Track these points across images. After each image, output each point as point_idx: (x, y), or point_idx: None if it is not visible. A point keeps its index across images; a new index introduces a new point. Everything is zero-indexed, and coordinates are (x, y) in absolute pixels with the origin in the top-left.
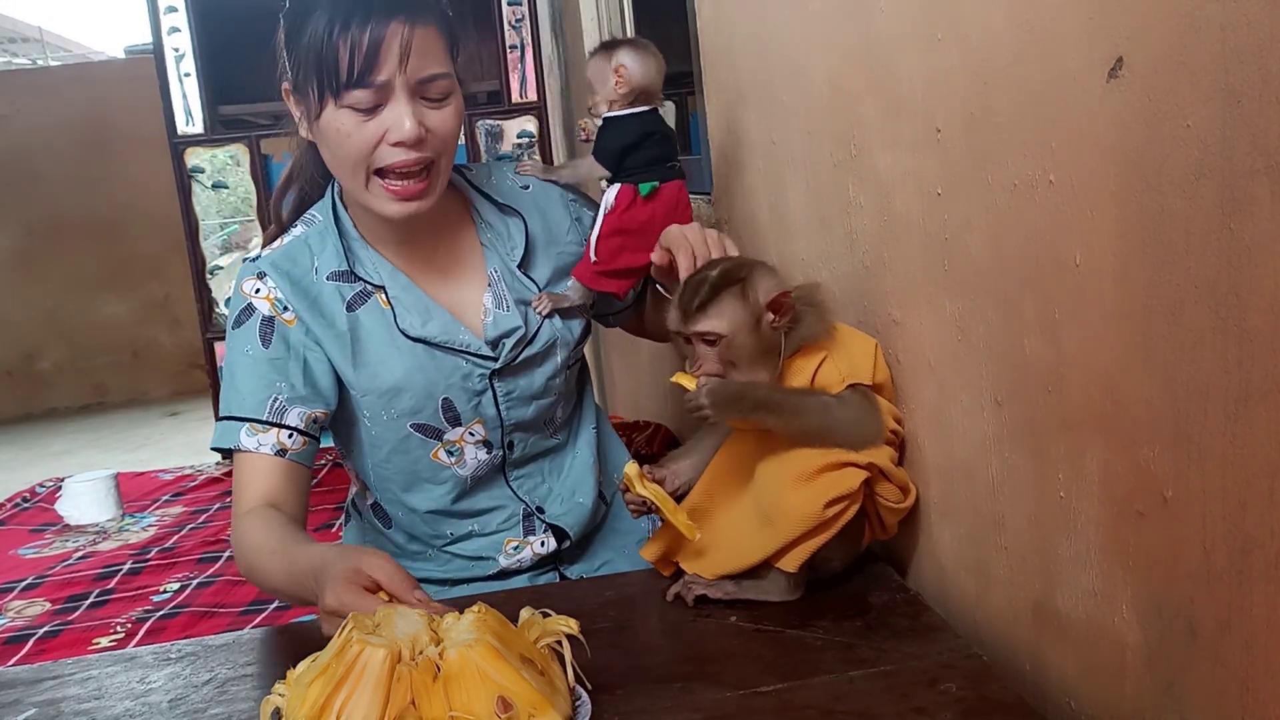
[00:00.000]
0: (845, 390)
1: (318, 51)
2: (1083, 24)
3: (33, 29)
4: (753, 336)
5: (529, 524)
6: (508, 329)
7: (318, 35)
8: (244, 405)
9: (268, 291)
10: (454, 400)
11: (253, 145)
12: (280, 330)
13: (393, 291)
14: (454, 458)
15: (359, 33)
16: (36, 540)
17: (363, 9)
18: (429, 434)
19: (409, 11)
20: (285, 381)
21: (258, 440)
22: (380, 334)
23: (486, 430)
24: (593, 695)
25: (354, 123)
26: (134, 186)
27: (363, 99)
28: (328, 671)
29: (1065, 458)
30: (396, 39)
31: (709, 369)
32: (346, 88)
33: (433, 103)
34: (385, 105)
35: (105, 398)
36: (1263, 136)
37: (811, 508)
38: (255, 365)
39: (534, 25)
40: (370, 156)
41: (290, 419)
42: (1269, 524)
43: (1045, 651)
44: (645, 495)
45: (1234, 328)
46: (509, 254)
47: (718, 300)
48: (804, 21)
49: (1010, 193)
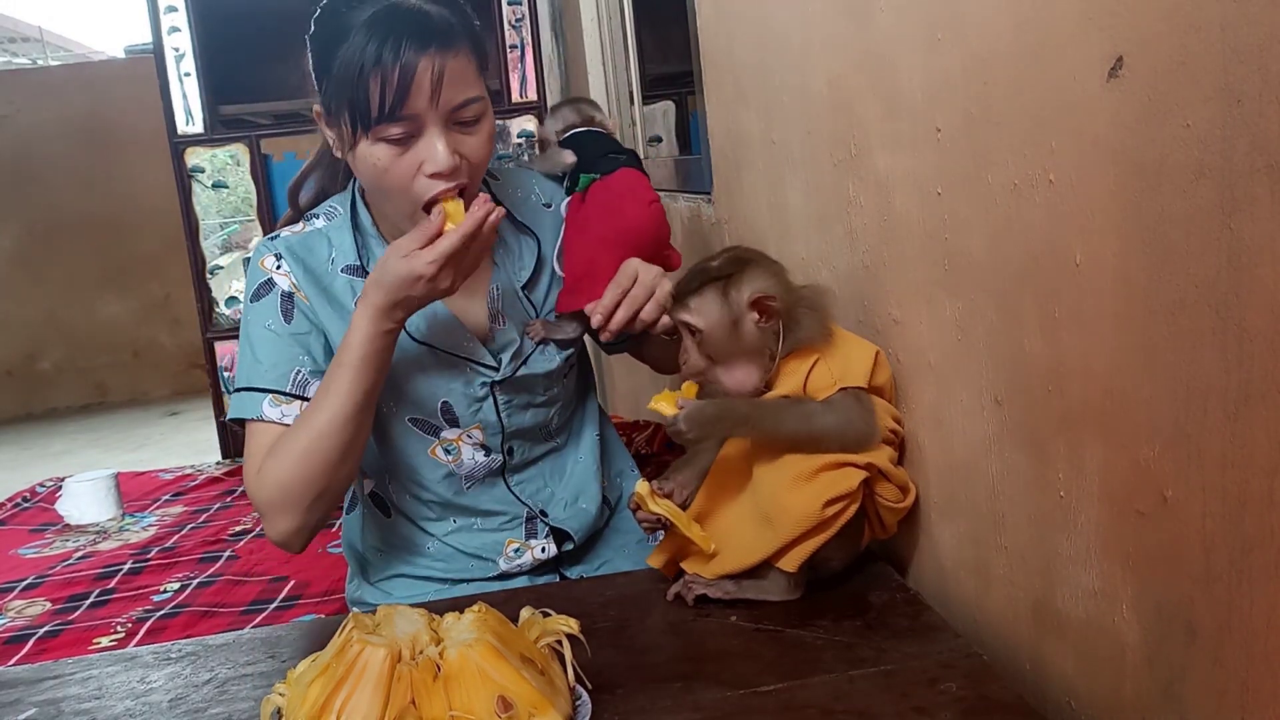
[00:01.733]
0: (836, 394)
1: (350, 85)
2: (1083, 24)
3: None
4: (732, 334)
5: (531, 527)
6: (503, 343)
7: (349, 68)
8: (266, 377)
9: (283, 269)
10: (453, 404)
11: (253, 145)
12: (300, 306)
13: None
14: (451, 456)
15: (390, 67)
16: (37, 540)
17: (394, 42)
18: (426, 430)
19: (441, 41)
20: (308, 355)
21: (281, 411)
22: None
23: (485, 435)
24: (593, 695)
25: (389, 156)
26: (134, 186)
27: (395, 132)
28: (328, 671)
29: (1065, 457)
30: (429, 72)
31: (691, 361)
32: (378, 123)
33: (466, 127)
34: (419, 136)
35: (105, 397)
36: (1263, 136)
37: (811, 508)
38: (278, 339)
39: (534, 25)
40: (411, 190)
41: (311, 391)
42: (1269, 524)
43: (1045, 651)
44: (659, 512)
45: (1234, 328)
46: (516, 274)
47: (700, 293)
48: (804, 21)
49: (1010, 192)
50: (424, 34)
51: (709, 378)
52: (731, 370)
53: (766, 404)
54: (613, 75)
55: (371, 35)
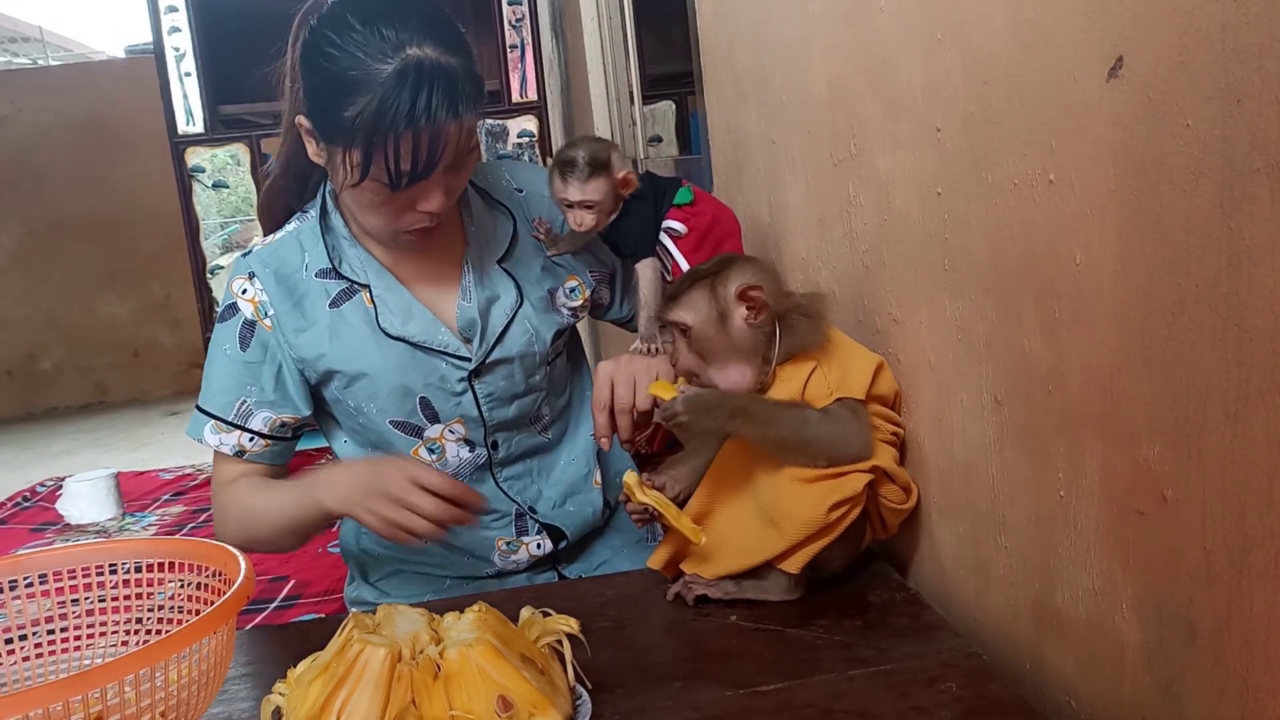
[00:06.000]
0: (832, 404)
1: (372, 136)
2: (1083, 24)
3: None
4: (721, 331)
5: (521, 524)
6: (467, 320)
7: (375, 120)
8: (214, 402)
9: (254, 294)
10: (431, 399)
11: (253, 145)
12: (260, 335)
13: (377, 291)
14: (435, 455)
15: (422, 129)
16: (37, 539)
17: (427, 103)
18: (409, 431)
19: (467, 102)
20: (256, 385)
21: (219, 439)
22: (361, 330)
23: (467, 429)
24: (593, 695)
25: (385, 195)
26: (134, 186)
27: (405, 183)
28: (328, 671)
29: (1065, 457)
30: (453, 141)
31: (682, 361)
32: (409, 184)
33: (459, 167)
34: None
35: (106, 397)
36: (1263, 136)
37: (815, 511)
38: (230, 365)
39: (534, 25)
40: (399, 220)
41: (254, 423)
42: (1269, 524)
43: (1045, 651)
44: (647, 502)
45: (1234, 328)
46: (490, 249)
47: (688, 291)
48: (804, 21)
49: (1010, 192)
50: (454, 96)
51: (702, 378)
52: (724, 370)
53: (766, 400)
54: (613, 75)
55: (400, 91)
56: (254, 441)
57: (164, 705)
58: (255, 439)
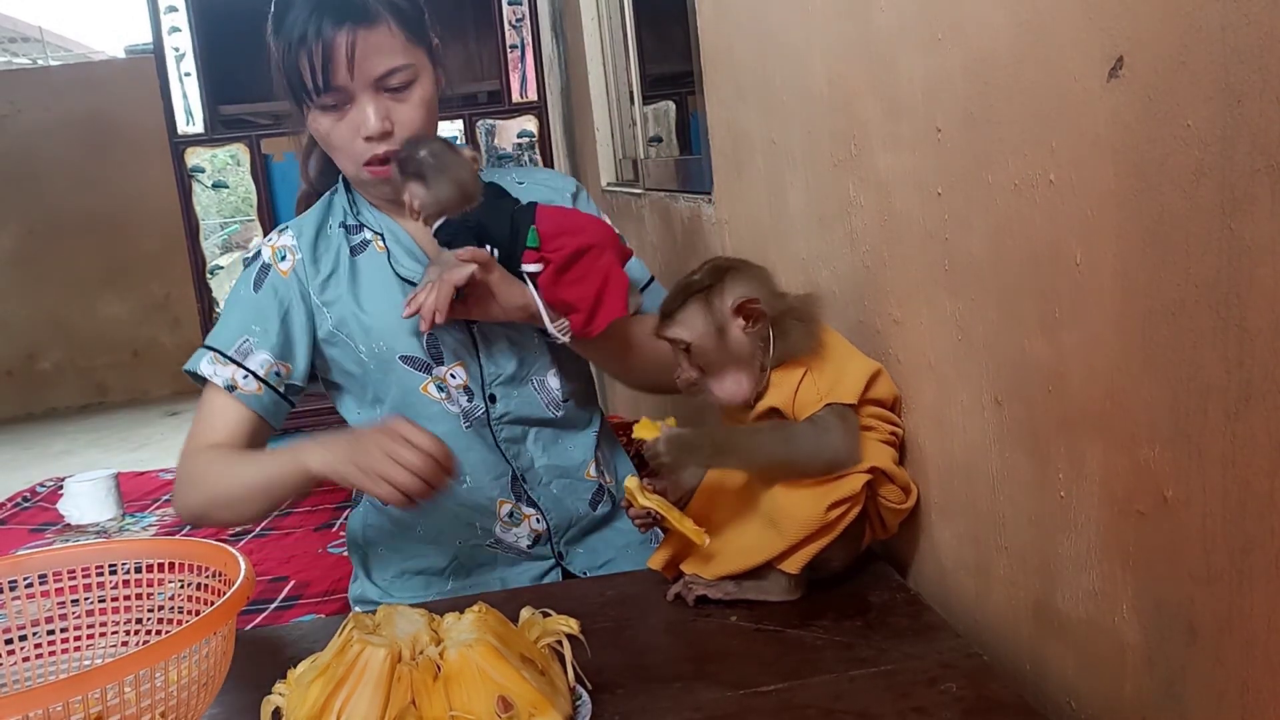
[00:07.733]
0: (822, 410)
1: (284, 66)
2: (1083, 24)
3: (33, 29)
4: (720, 344)
5: (518, 489)
6: None
7: (284, 52)
8: (218, 338)
9: (279, 242)
10: (438, 335)
11: (253, 145)
12: (272, 279)
13: (389, 240)
14: (443, 394)
15: (313, 44)
16: (37, 540)
17: (314, 24)
18: (417, 366)
19: (354, 18)
20: (260, 325)
21: (214, 370)
22: (377, 275)
23: (468, 375)
24: (593, 695)
25: (329, 123)
26: (134, 186)
27: (327, 101)
28: (328, 671)
29: (1065, 457)
30: (343, 47)
31: (684, 374)
32: (309, 95)
33: (397, 94)
34: (352, 104)
35: (106, 397)
36: (1263, 136)
37: (814, 511)
38: (241, 305)
39: (534, 25)
40: (352, 151)
41: (252, 362)
42: (1269, 524)
43: (1045, 651)
44: (649, 506)
45: (1234, 328)
46: None
47: (684, 307)
48: (804, 21)
49: (1010, 192)
50: (340, 11)
51: (701, 389)
52: (722, 380)
53: (744, 430)
54: (613, 75)
55: (298, 18)
56: (247, 379)
57: (164, 706)
58: (249, 377)
